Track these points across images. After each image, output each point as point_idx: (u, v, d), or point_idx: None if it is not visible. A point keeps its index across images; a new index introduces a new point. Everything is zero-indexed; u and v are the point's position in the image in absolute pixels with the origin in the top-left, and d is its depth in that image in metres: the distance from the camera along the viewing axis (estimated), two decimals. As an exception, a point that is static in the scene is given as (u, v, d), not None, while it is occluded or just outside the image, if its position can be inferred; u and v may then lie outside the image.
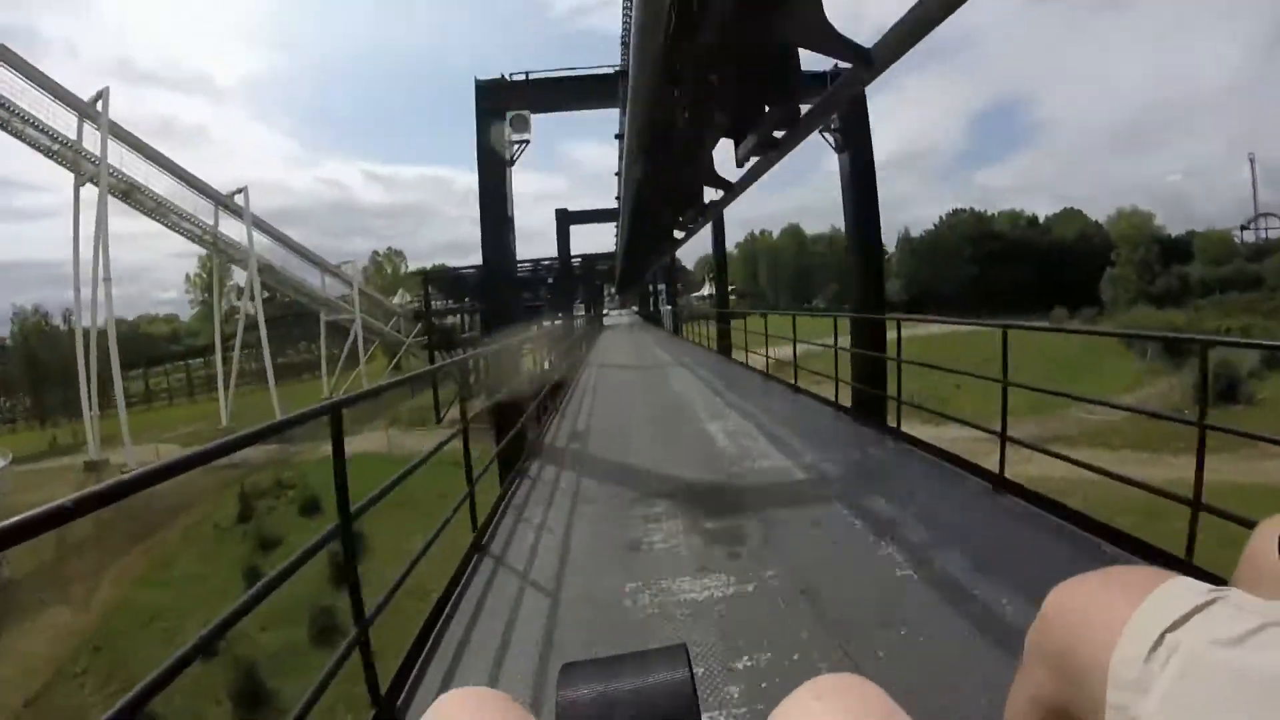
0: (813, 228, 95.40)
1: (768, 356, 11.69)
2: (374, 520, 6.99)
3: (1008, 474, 4.56)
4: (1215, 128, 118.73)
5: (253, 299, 36.99)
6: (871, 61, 3.78)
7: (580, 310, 40.33)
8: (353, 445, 31.98)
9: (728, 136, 5.77)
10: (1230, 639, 0.52)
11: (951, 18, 3.17)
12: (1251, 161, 70.93)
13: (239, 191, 36.77)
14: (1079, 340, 39.04)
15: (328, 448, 2.54)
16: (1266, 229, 67.64)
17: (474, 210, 15.85)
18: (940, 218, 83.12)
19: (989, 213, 79.11)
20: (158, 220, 32.64)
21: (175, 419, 42.52)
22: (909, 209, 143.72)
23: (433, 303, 41.06)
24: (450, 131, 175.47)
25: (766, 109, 4.72)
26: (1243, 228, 69.58)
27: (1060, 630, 0.70)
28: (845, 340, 9.65)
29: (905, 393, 7.43)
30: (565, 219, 26.48)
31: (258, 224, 38.73)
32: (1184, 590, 0.60)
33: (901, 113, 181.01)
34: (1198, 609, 0.57)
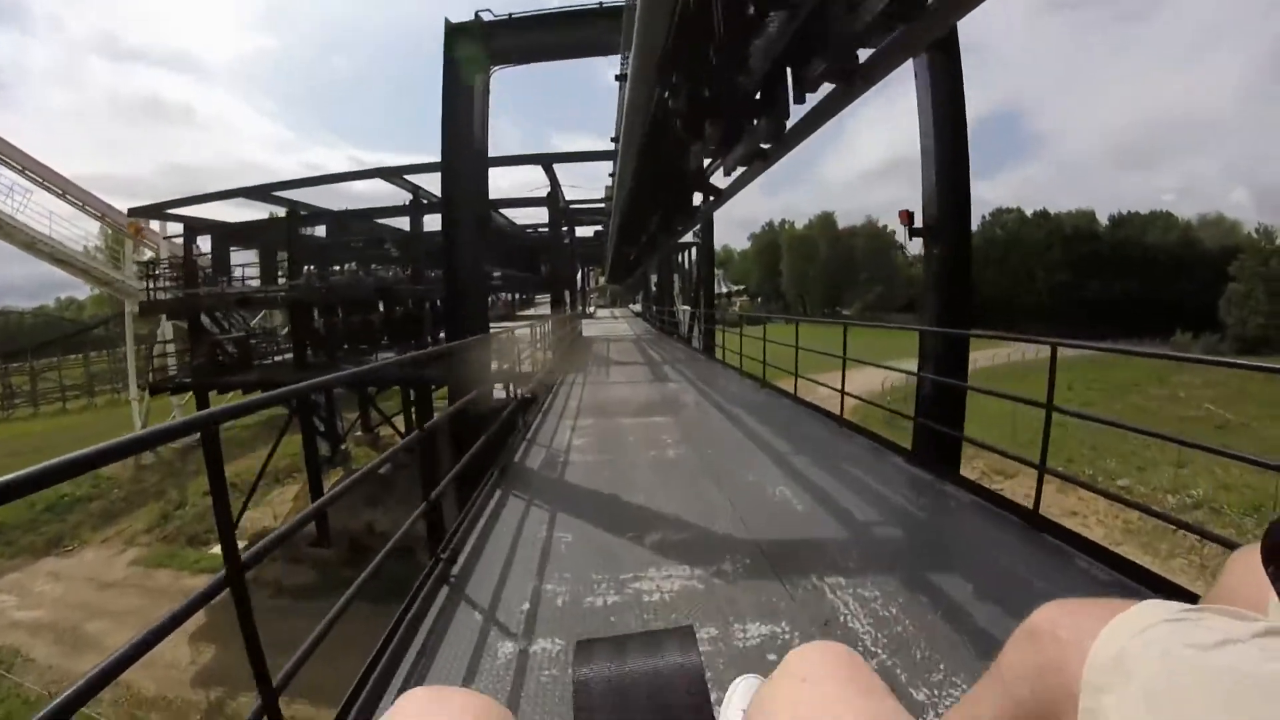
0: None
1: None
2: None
3: None
4: (1209, 150, 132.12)
5: None
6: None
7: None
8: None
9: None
10: (1204, 645, 0.57)
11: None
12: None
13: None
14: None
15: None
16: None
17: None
18: (984, 217, 72.07)
19: (1054, 211, 65.82)
20: None
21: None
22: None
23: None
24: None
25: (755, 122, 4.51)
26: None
27: (1041, 646, 0.74)
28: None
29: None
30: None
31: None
32: (1157, 607, 0.65)
33: (893, 120, 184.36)
34: (1170, 620, 0.62)
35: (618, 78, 7.03)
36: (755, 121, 4.57)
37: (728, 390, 9.79)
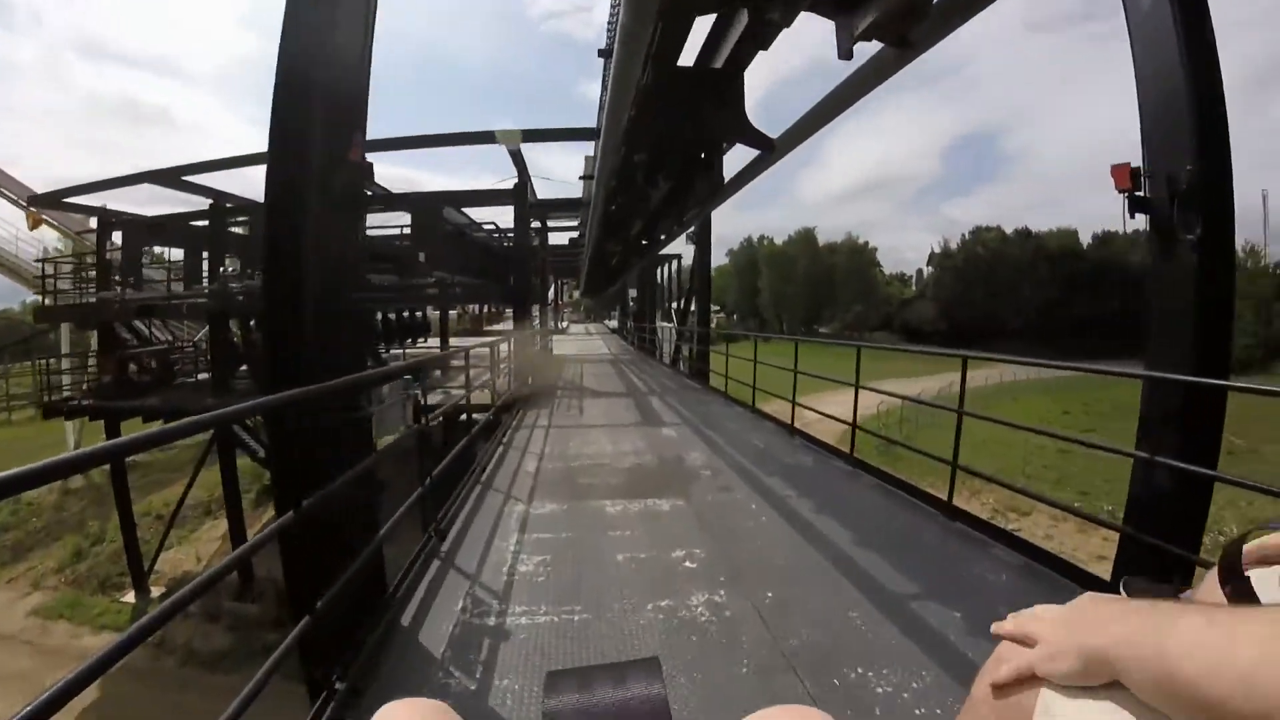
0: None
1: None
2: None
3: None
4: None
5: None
6: None
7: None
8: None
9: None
10: None
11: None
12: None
13: None
14: None
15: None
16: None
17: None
18: (964, 236, 73.55)
19: (1036, 230, 65.80)
20: None
21: None
22: (876, 235, 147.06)
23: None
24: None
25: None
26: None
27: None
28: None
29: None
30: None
31: None
32: None
33: (872, 139, 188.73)
34: None
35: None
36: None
37: (746, 442, 7.32)
